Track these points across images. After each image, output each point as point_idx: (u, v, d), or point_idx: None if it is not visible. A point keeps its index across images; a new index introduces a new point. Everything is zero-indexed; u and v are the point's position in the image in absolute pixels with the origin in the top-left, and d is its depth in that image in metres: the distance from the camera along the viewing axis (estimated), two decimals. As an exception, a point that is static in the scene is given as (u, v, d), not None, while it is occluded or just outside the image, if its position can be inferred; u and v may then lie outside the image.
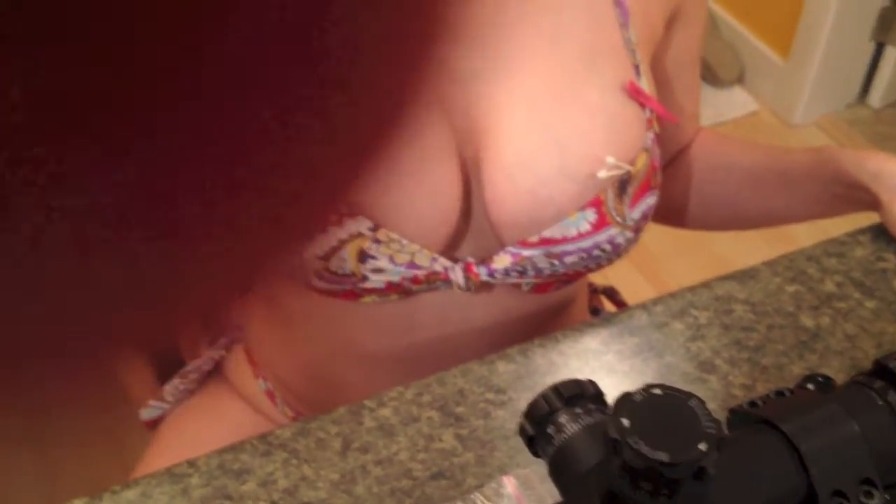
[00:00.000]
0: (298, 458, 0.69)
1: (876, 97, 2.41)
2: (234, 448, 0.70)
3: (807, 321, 0.78)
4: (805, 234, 1.21)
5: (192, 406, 0.99)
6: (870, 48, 2.35)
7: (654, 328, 0.78)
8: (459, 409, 0.72)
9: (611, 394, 0.45)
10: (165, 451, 0.95)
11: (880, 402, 0.43)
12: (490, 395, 0.73)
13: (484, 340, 0.82)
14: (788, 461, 0.40)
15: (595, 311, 1.02)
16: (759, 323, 0.78)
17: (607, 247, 0.75)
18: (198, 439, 0.95)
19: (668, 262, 2.07)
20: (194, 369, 1.00)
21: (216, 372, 1.01)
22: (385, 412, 0.72)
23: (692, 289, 0.81)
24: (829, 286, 0.81)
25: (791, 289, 0.81)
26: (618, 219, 0.74)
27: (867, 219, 0.85)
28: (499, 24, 0.73)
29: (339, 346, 0.85)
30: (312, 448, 0.70)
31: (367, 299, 0.76)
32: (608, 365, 0.76)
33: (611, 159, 0.72)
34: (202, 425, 0.97)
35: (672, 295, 0.80)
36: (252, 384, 0.98)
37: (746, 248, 1.73)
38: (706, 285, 0.81)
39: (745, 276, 0.82)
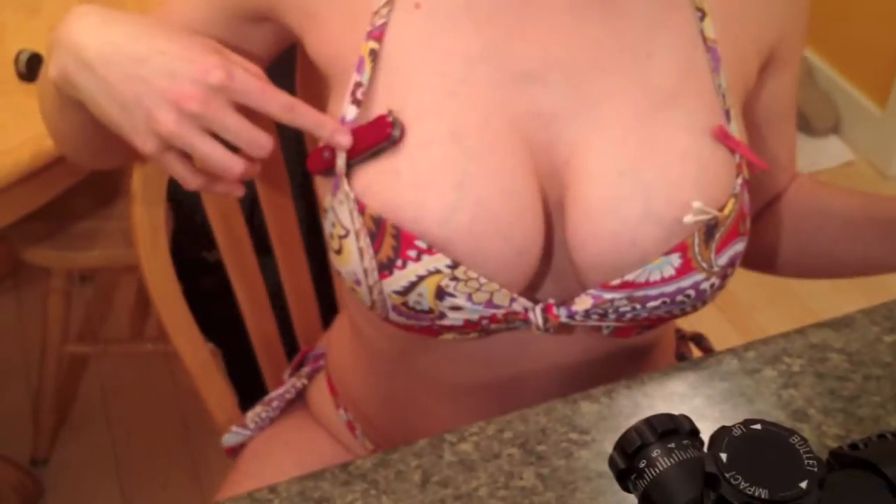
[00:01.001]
0: (378, 489, 0.69)
1: (977, 150, 2.34)
2: (315, 476, 0.70)
3: (905, 373, 0.75)
4: (902, 286, 1.17)
5: (273, 434, 1.00)
6: (970, 100, 2.29)
7: (745, 374, 0.76)
8: (541, 448, 0.71)
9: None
10: (246, 478, 0.96)
11: None
12: (573, 435, 0.72)
13: (563, 382, 0.81)
14: (892, 506, 0.38)
15: (682, 357, 1.01)
16: (855, 373, 0.76)
17: (691, 293, 0.74)
18: (278, 467, 0.95)
19: (757, 311, 2.02)
20: (277, 397, 1.00)
21: (298, 401, 1.02)
22: (466, 447, 0.71)
23: (785, 335, 0.79)
24: (930, 338, 0.78)
25: (889, 338, 0.78)
26: (703, 264, 0.73)
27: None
28: (587, 66, 0.73)
29: (419, 380, 0.85)
30: (392, 480, 0.69)
31: (447, 336, 0.76)
32: (696, 409, 0.74)
33: (697, 204, 0.71)
34: (283, 453, 0.97)
35: (764, 341, 0.78)
36: (333, 414, 0.98)
37: (839, 298, 1.69)
38: (800, 332, 0.79)
39: (840, 324, 0.79)
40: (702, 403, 0.74)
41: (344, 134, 0.71)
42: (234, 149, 0.71)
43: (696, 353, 1.02)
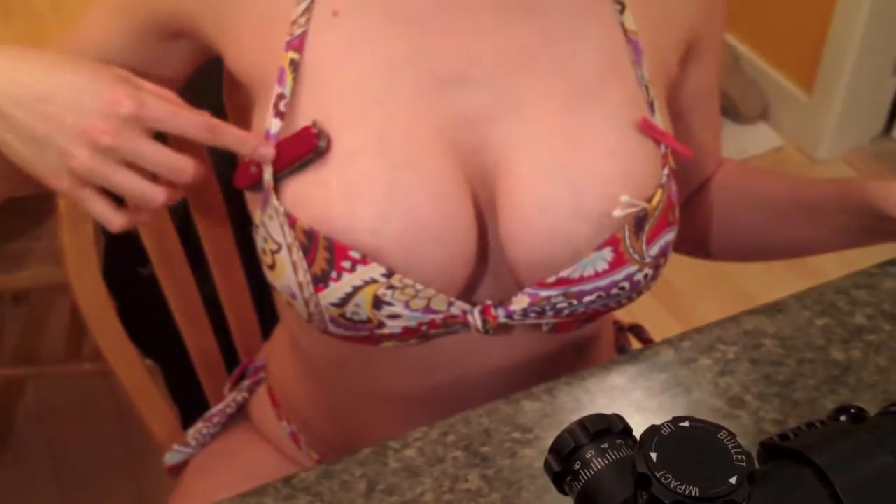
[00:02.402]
0: (322, 501, 0.68)
1: (901, 130, 2.40)
2: (258, 492, 0.69)
3: (837, 355, 0.77)
4: (833, 267, 1.19)
5: (215, 450, 0.99)
6: (893, 82, 2.34)
7: (682, 364, 0.77)
8: (485, 449, 0.71)
9: (639, 431, 0.44)
10: (189, 496, 0.94)
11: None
12: (516, 435, 0.72)
13: (506, 381, 0.81)
14: (822, 494, 0.39)
15: (621, 349, 1.01)
16: (789, 357, 0.77)
17: (626, 285, 0.74)
18: (221, 484, 0.94)
19: (693, 298, 2.05)
20: (217, 413, 0.99)
21: (240, 415, 1.01)
22: (410, 453, 0.71)
23: (719, 323, 0.80)
24: (860, 319, 0.79)
25: (821, 322, 0.79)
26: (635, 256, 0.73)
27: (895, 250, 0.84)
28: (511, 66, 0.73)
29: (361, 389, 0.84)
30: (337, 490, 0.69)
31: (387, 344, 0.76)
32: (636, 402, 0.75)
33: (626, 198, 0.72)
34: (226, 469, 0.96)
35: (699, 330, 0.79)
36: (276, 427, 0.97)
37: (773, 283, 1.71)
38: (734, 320, 0.80)
39: (773, 309, 0.81)
40: (641, 396, 0.75)
41: (266, 147, 0.70)
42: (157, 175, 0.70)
43: (635, 343, 1.03)
